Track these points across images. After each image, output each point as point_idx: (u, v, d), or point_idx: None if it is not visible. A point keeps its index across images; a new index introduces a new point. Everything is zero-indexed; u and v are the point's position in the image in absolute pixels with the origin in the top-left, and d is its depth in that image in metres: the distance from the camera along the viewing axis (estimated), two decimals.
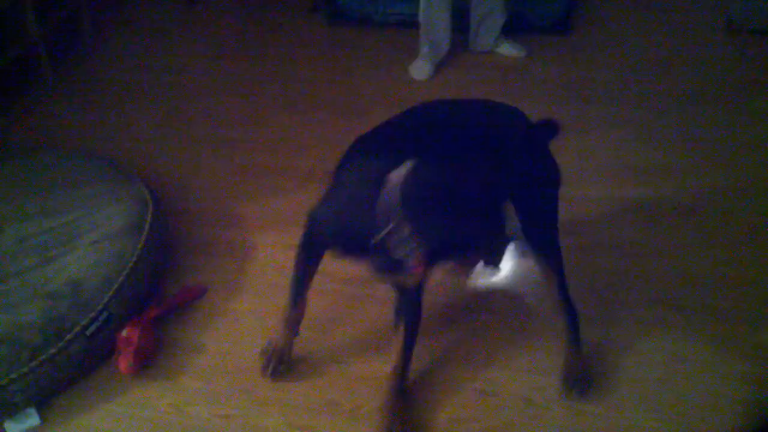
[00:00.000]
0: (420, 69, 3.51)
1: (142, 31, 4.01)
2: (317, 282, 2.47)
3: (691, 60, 3.39)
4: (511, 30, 3.66)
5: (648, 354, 2.20)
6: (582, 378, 2.12)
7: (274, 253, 2.64)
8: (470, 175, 1.68)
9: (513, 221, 1.93)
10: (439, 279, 2.40)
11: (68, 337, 2.18)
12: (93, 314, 2.24)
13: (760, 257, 2.45)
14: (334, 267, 2.52)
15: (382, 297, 2.42)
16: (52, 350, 2.14)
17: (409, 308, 2.06)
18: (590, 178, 2.78)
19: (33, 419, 2.12)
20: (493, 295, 2.41)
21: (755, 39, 3.43)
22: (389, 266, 1.74)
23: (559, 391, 2.11)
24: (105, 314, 2.27)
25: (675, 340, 2.23)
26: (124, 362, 2.23)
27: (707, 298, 2.34)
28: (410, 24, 3.60)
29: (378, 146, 1.94)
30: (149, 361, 2.29)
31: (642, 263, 2.48)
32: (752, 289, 2.35)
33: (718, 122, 3.02)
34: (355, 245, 1.79)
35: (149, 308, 2.38)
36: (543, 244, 2.09)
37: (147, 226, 2.51)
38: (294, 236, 2.62)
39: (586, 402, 2.08)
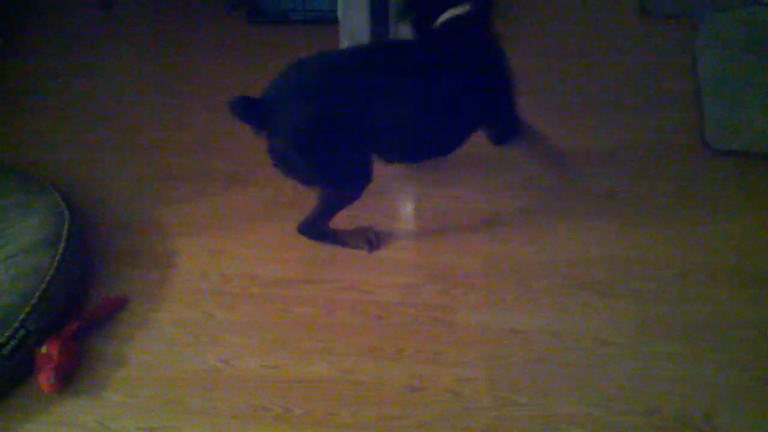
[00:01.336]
0: None
1: (56, 36, 3.89)
2: (243, 286, 2.47)
3: (608, 45, 3.44)
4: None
5: (573, 340, 2.23)
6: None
7: (198, 259, 2.59)
8: None
9: None
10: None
11: None
12: (9, 332, 2.17)
13: (678, 237, 2.50)
14: (259, 269, 2.52)
15: (306, 297, 2.43)
16: None
17: None
18: (511, 166, 2.80)
19: None
20: (419, 287, 2.41)
21: (667, 23, 3.51)
22: None
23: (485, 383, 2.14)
24: (22, 331, 2.20)
25: (599, 324, 2.26)
26: (44, 380, 2.17)
27: (630, 281, 2.38)
28: (331, 20, 3.57)
29: None
30: (71, 377, 2.23)
31: (562, 250, 2.51)
32: (673, 269, 2.40)
33: (635, 106, 3.07)
34: None
35: (69, 323, 2.31)
36: None
37: (64, 238, 2.44)
38: (217, 241, 2.62)
39: (514, 392, 2.11)
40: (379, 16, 3.48)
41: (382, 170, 2.44)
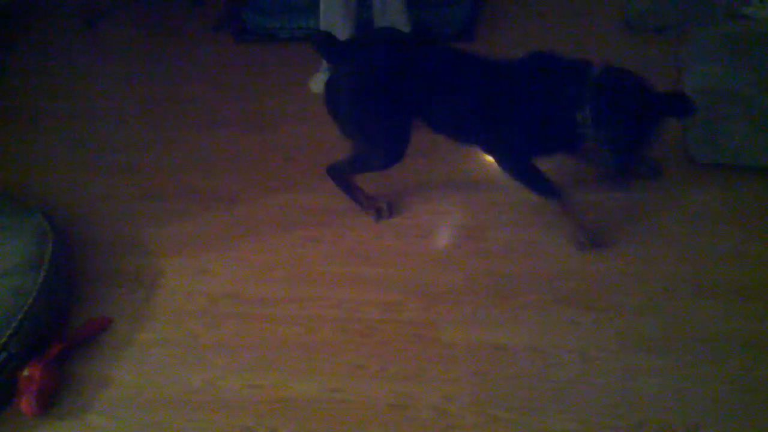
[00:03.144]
0: (319, 82, 3.47)
1: (40, 57, 3.89)
2: (228, 305, 2.46)
3: (592, 59, 3.45)
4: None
5: (557, 355, 2.23)
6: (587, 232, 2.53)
7: (182, 278, 2.59)
8: None
9: None
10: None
11: None
12: None
13: (662, 250, 2.50)
14: (243, 289, 2.52)
15: (290, 315, 2.43)
16: None
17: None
18: (495, 184, 2.80)
19: None
20: (402, 304, 2.41)
21: (652, 37, 3.53)
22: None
23: (470, 399, 2.13)
24: (4, 354, 2.19)
25: (583, 339, 2.26)
26: (26, 404, 2.16)
27: (613, 295, 2.38)
28: None
29: None
30: (54, 400, 2.22)
31: (546, 265, 2.51)
32: (657, 283, 2.40)
33: None
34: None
35: (52, 345, 2.30)
36: None
37: (47, 260, 2.43)
38: (201, 260, 2.62)
39: (499, 408, 2.10)
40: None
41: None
